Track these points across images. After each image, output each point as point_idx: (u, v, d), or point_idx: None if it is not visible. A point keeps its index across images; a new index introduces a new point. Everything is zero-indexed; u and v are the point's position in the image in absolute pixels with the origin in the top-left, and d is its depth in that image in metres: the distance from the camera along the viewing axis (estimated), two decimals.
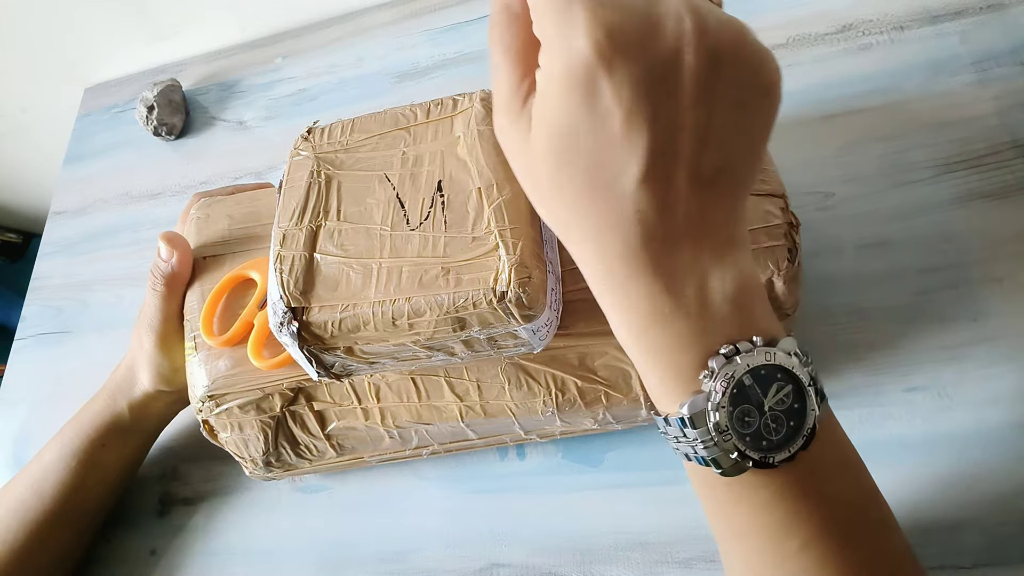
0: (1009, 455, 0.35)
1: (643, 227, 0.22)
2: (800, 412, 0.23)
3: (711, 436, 0.23)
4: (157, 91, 0.64)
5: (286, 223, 0.31)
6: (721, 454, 0.23)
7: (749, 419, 0.23)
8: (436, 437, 0.39)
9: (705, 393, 0.23)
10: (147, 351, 0.41)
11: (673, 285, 0.23)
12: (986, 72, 0.45)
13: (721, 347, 0.23)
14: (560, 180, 0.22)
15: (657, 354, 0.24)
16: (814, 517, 0.24)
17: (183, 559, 0.45)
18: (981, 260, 0.40)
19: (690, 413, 0.23)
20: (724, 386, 0.22)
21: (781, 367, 0.23)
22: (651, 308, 0.23)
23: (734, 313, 0.23)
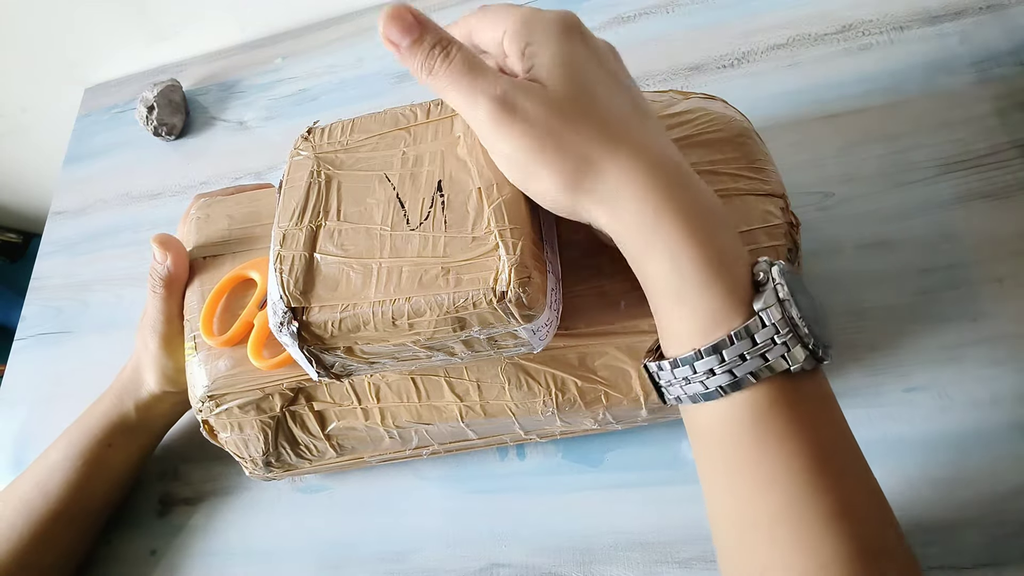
0: (1009, 455, 0.35)
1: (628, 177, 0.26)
2: (821, 318, 0.26)
3: (789, 327, 0.24)
4: (157, 91, 0.64)
5: (286, 223, 0.31)
6: (798, 346, 0.24)
7: (813, 305, 0.25)
8: (436, 437, 0.39)
9: (771, 290, 0.24)
10: (151, 353, 0.41)
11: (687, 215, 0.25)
12: (986, 72, 0.45)
13: (759, 257, 0.26)
14: (591, 99, 0.26)
15: (707, 272, 0.25)
16: (842, 441, 0.26)
17: (183, 559, 0.45)
18: (981, 260, 0.40)
19: (767, 305, 0.24)
20: (785, 280, 0.24)
21: (798, 277, 0.25)
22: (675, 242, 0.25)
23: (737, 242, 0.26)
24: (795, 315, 0.24)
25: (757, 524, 0.25)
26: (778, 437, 0.25)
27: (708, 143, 0.35)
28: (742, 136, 0.36)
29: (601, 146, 0.26)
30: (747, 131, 0.36)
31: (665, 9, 0.55)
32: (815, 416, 0.25)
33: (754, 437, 0.25)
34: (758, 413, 0.25)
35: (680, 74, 0.52)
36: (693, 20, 0.54)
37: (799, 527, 0.24)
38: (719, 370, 0.25)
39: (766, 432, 0.25)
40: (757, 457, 0.25)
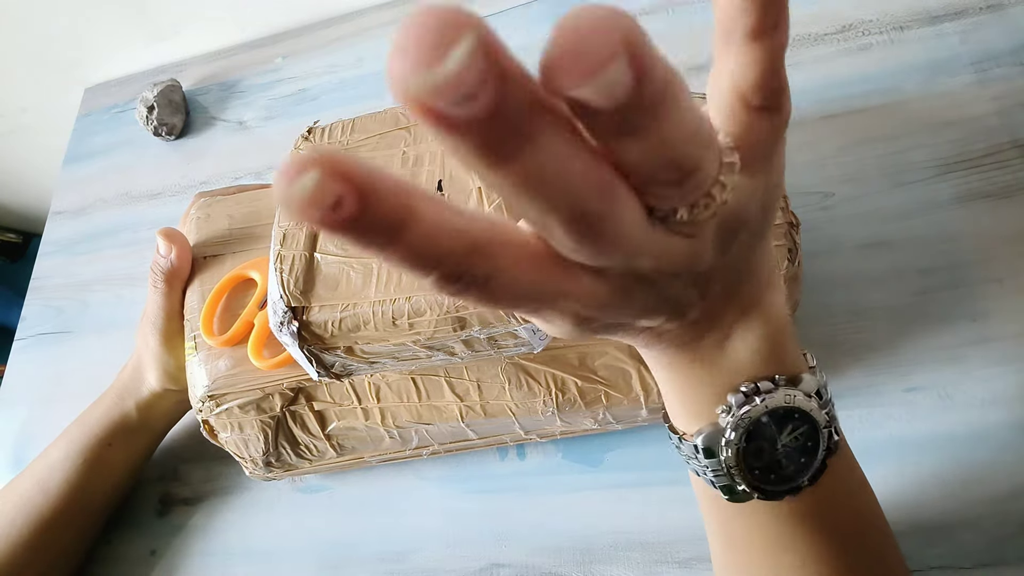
0: (1009, 455, 0.35)
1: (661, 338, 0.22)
2: (812, 450, 0.23)
3: (721, 467, 0.23)
4: (157, 91, 0.64)
5: (286, 223, 0.31)
6: (730, 483, 0.23)
7: (761, 454, 0.23)
8: (436, 437, 0.39)
9: (720, 428, 0.23)
10: (152, 350, 0.41)
11: (692, 347, 0.22)
12: (986, 72, 0.45)
13: (742, 385, 0.23)
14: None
15: (676, 387, 0.24)
16: (812, 539, 0.24)
17: (183, 559, 0.45)
18: (981, 260, 0.40)
19: (704, 444, 0.23)
20: (740, 423, 0.22)
21: (799, 408, 0.23)
22: (670, 360, 0.23)
23: (756, 355, 0.23)
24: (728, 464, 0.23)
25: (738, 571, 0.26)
26: (738, 516, 0.25)
27: None
28: None
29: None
30: None
31: (666, 9, 0.55)
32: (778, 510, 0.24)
33: (719, 508, 0.25)
34: (714, 495, 0.25)
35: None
36: (693, 20, 0.54)
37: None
38: (679, 452, 0.25)
39: (727, 509, 0.25)
40: (724, 522, 0.25)
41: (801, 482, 0.23)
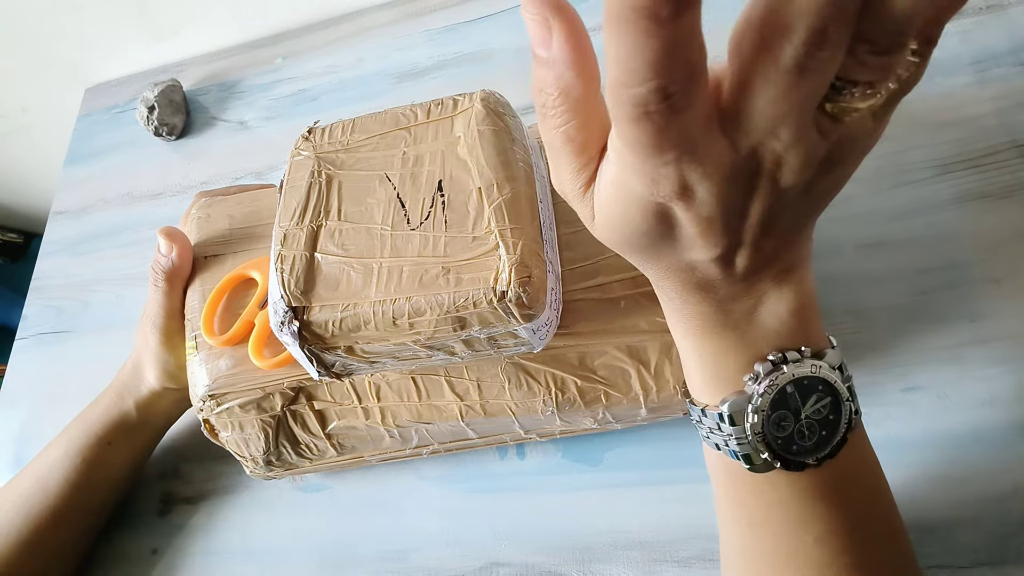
0: (1008, 455, 0.35)
1: (701, 287, 0.23)
2: (834, 424, 0.24)
3: (746, 435, 0.24)
4: (158, 91, 0.64)
5: (287, 223, 0.31)
6: (752, 452, 0.24)
7: (784, 424, 0.23)
8: (436, 436, 0.39)
9: (747, 395, 0.24)
10: (152, 348, 0.41)
11: (726, 308, 0.24)
12: (986, 72, 0.45)
13: (770, 354, 0.24)
14: (623, 249, 0.23)
15: (704, 355, 0.25)
16: (831, 516, 0.24)
17: (184, 558, 0.45)
18: (980, 260, 0.40)
19: (730, 411, 0.24)
20: (767, 391, 0.23)
21: (823, 379, 0.24)
22: (702, 322, 0.24)
23: (785, 327, 0.24)
24: (754, 430, 0.23)
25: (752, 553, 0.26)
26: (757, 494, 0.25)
27: None
28: None
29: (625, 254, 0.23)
30: None
31: None
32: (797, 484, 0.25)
33: (737, 486, 0.26)
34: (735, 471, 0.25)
35: None
36: None
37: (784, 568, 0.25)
38: (699, 426, 0.26)
39: (746, 486, 0.25)
40: (743, 501, 0.26)
41: (822, 454, 0.24)
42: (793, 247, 0.23)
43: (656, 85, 0.16)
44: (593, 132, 0.20)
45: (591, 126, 0.20)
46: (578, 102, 0.19)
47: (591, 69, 0.19)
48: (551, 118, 0.20)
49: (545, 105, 0.20)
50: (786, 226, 0.21)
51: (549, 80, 0.19)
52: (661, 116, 0.16)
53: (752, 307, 0.23)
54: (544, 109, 0.20)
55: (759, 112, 0.17)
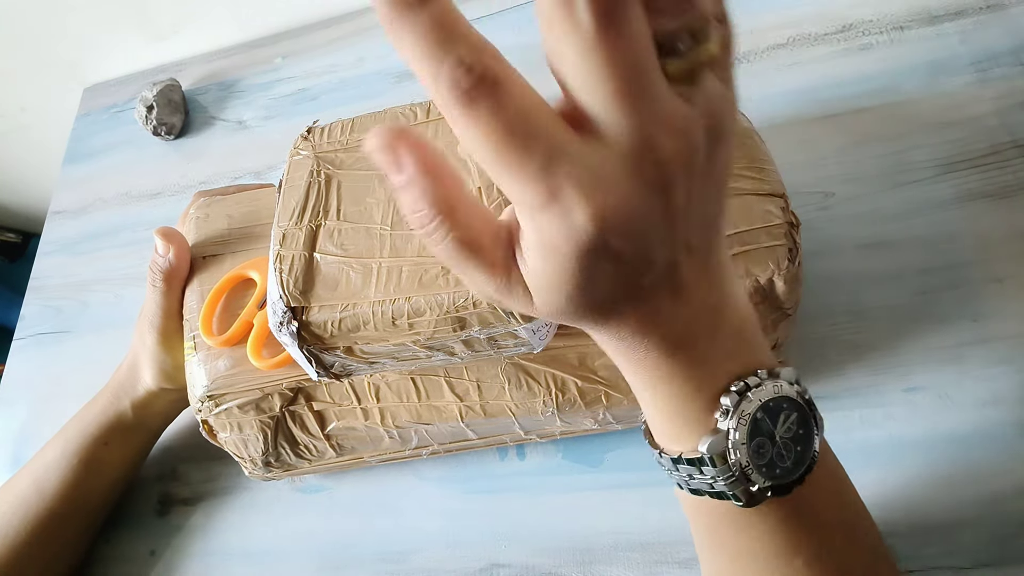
0: (1009, 455, 0.35)
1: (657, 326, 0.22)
2: (806, 438, 0.24)
3: (732, 473, 0.23)
4: (156, 91, 0.64)
5: (286, 222, 0.31)
6: (742, 488, 0.23)
7: (763, 450, 0.23)
8: (436, 437, 0.39)
9: (723, 432, 0.23)
10: (149, 348, 0.41)
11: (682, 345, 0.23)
12: (986, 72, 0.45)
13: (732, 384, 0.23)
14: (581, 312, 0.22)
15: (670, 401, 0.24)
16: (815, 538, 0.24)
17: (182, 559, 0.45)
18: (981, 260, 0.40)
19: (710, 453, 0.23)
20: (741, 422, 0.23)
21: (787, 397, 0.23)
22: (663, 369, 0.23)
23: (736, 351, 0.24)
24: (740, 463, 0.23)
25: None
26: (745, 527, 0.25)
27: None
28: (742, 136, 0.36)
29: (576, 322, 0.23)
30: (747, 131, 0.36)
31: None
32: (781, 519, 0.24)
33: (720, 526, 0.25)
34: (719, 511, 0.25)
35: None
36: None
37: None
38: (674, 474, 0.25)
39: (731, 524, 0.25)
40: (726, 540, 0.25)
41: (803, 471, 0.24)
42: (717, 247, 0.22)
43: (452, 60, 0.16)
44: (478, 225, 0.20)
45: (474, 222, 0.20)
46: (452, 207, 0.19)
47: (451, 174, 0.19)
48: (435, 234, 0.20)
49: (423, 225, 0.19)
50: (704, 217, 0.21)
51: (415, 199, 0.19)
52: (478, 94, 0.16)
53: (704, 335, 0.23)
54: (424, 229, 0.19)
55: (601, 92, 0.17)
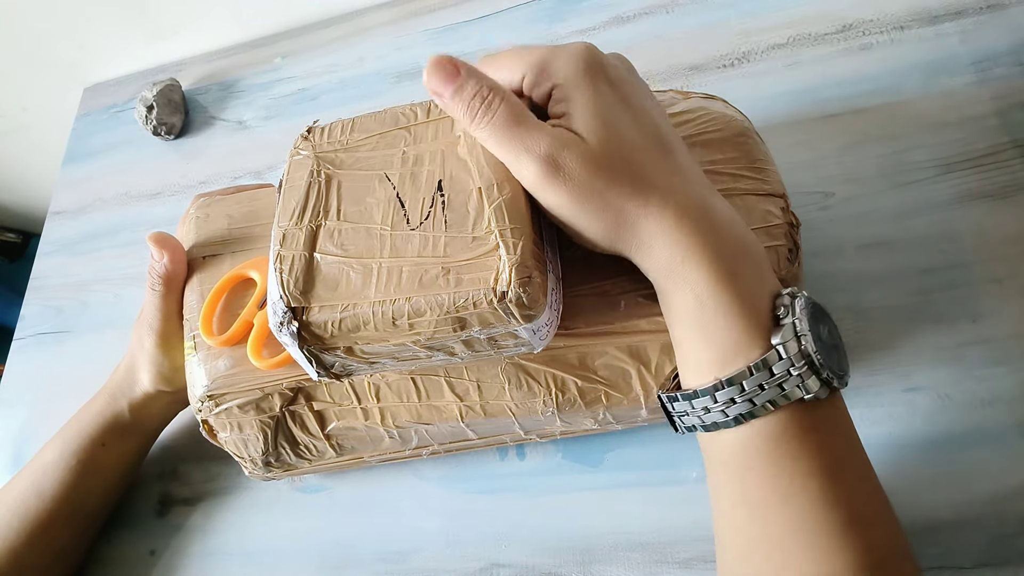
0: (1009, 455, 0.35)
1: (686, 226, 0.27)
2: (840, 348, 0.27)
3: (804, 360, 0.25)
4: (156, 91, 0.64)
5: (286, 222, 0.31)
6: (812, 377, 0.25)
7: (820, 345, 0.25)
8: (436, 437, 0.39)
9: (789, 324, 0.25)
10: (147, 351, 0.41)
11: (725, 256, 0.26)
12: (986, 72, 0.45)
13: (784, 290, 0.27)
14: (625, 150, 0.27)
15: (727, 312, 0.26)
16: (854, 456, 0.27)
17: (182, 559, 0.45)
18: (981, 260, 0.40)
19: (784, 341, 0.25)
20: (803, 315, 0.25)
21: (820, 307, 0.27)
22: (712, 280, 0.26)
23: (769, 272, 0.28)
24: (811, 349, 0.25)
25: (768, 539, 0.26)
26: (792, 457, 0.26)
27: (708, 143, 0.35)
28: (742, 136, 0.36)
29: (634, 200, 0.27)
30: (747, 131, 0.36)
31: (665, 9, 0.55)
32: (828, 437, 0.26)
33: (768, 459, 0.26)
34: (773, 437, 0.26)
35: (680, 74, 0.52)
36: (693, 20, 0.54)
37: (811, 538, 0.25)
38: (739, 399, 0.26)
39: (780, 454, 0.26)
40: (771, 476, 0.26)
41: (850, 373, 0.27)
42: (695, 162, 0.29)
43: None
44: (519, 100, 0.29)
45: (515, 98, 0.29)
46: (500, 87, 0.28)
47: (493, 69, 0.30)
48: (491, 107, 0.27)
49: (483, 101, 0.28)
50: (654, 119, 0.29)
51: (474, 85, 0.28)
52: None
53: (749, 245, 0.27)
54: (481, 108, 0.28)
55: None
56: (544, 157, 0.26)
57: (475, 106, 0.27)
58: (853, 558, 0.24)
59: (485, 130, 0.27)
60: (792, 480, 0.25)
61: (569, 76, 0.27)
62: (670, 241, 0.27)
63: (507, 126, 0.27)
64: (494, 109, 0.27)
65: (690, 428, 0.28)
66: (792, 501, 0.25)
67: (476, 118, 0.27)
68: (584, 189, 0.27)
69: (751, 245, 0.28)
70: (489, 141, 0.28)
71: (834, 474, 0.25)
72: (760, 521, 0.26)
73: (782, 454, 0.26)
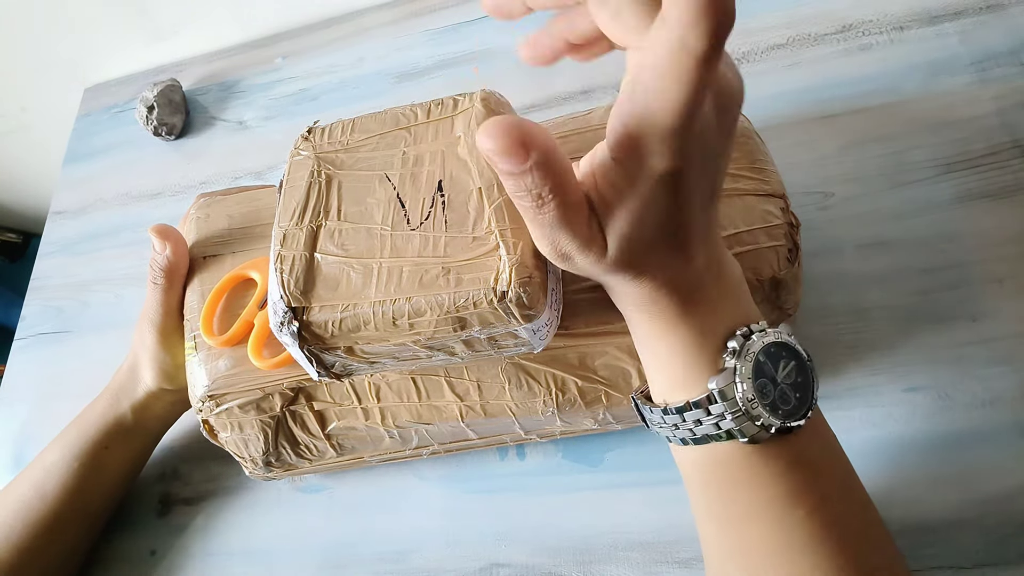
0: (1010, 455, 0.35)
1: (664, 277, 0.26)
2: (804, 386, 0.26)
3: (739, 407, 0.25)
4: (157, 91, 0.64)
5: (286, 223, 0.31)
6: (748, 423, 0.25)
7: (766, 391, 0.25)
8: (436, 437, 0.39)
9: (730, 369, 0.25)
10: (149, 347, 0.41)
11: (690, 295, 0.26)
12: (986, 72, 0.45)
13: (738, 329, 0.26)
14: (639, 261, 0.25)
15: (681, 346, 0.26)
16: (816, 486, 0.26)
17: (183, 559, 0.45)
18: (981, 260, 0.40)
19: (719, 387, 0.25)
20: (747, 361, 0.25)
21: (786, 344, 0.26)
22: (672, 317, 0.26)
23: (736, 305, 0.27)
24: (747, 397, 0.25)
25: (739, 552, 0.26)
26: (745, 483, 0.26)
27: None
28: (742, 136, 0.36)
29: (619, 284, 0.26)
30: (747, 131, 0.36)
31: None
32: (786, 465, 0.26)
33: (721, 482, 0.27)
34: (723, 463, 0.26)
35: None
36: None
37: (777, 559, 0.25)
38: (682, 426, 0.26)
39: (732, 479, 0.26)
40: (727, 498, 0.27)
41: (803, 416, 0.26)
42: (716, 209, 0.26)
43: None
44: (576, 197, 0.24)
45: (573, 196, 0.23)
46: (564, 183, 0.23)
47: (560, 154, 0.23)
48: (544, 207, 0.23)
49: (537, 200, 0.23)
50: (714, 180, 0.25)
51: (536, 179, 0.22)
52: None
53: (711, 286, 0.26)
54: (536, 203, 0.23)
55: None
56: (562, 253, 0.25)
57: (526, 202, 0.23)
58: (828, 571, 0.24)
59: (527, 217, 0.25)
60: (749, 502, 0.26)
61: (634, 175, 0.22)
62: (628, 300, 0.27)
63: (549, 226, 0.24)
64: (545, 210, 0.23)
65: (657, 431, 0.29)
66: (752, 522, 0.26)
67: (523, 205, 0.24)
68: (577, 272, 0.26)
69: (711, 286, 0.26)
70: (528, 224, 0.26)
71: (794, 500, 0.25)
72: (727, 535, 0.27)
73: (734, 479, 0.26)
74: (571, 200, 0.23)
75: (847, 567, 0.25)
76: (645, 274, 0.25)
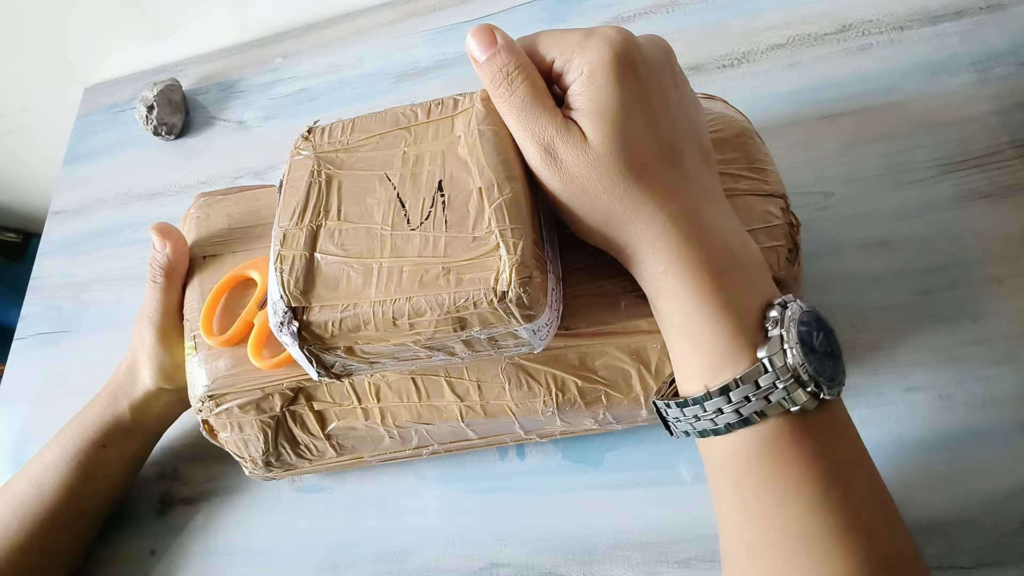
0: (1009, 455, 0.35)
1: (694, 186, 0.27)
2: (835, 356, 0.27)
3: (790, 373, 0.25)
4: (157, 91, 0.64)
5: (286, 223, 0.31)
6: (799, 390, 0.25)
7: (810, 359, 0.25)
8: (436, 437, 0.39)
9: (777, 337, 0.25)
10: (148, 346, 0.40)
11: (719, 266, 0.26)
12: (986, 72, 0.45)
13: (776, 299, 0.26)
14: (626, 156, 0.26)
15: (717, 321, 0.26)
16: (847, 469, 0.26)
17: (183, 559, 0.45)
18: (981, 260, 0.40)
19: (769, 354, 0.25)
20: (791, 326, 0.25)
21: (816, 314, 0.27)
22: (704, 289, 0.26)
23: (765, 273, 0.28)
24: (797, 362, 0.25)
25: (769, 543, 0.26)
26: (787, 463, 0.26)
27: None
28: (742, 136, 0.36)
29: (623, 206, 0.27)
30: (747, 131, 0.36)
31: (665, 9, 0.55)
32: (824, 443, 0.26)
33: (762, 464, 0.26)
34: (766, 444, 0.26)
35: None
36: (693, 20, 0.54)
37: (811, 544, 0.25)
38: (726, 409, 0.26)
39: (774, 460, 0.26)
40: (767, 482, 0.26)
41: (843, 383, 0.26)
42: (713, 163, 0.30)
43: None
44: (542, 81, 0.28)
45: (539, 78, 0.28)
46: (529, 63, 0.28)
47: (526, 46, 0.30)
48: (514, 82, 0.28)
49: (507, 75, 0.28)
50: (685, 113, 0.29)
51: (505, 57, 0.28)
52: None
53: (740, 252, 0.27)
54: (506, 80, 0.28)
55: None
56: (544, 145, 0.27)
57: (499, 79, 0.28)
58: (855, 564, 0.24)
59: (503, 105, 0.28)
60: (787, 485, 0.25)
61: (591, 68, 0.27)
62: (653, 251, 0.27)
63: (523, 106, 0.27)
64: (515, 87, 0.27)
65: (684, 433, 0.28)
66: (789, 507, 0.25)
67: (498, 91, 0.28)
68: (576, 185, 0.27)
69: (741, 254, 0.27)
70: (506, 117, 0.29)
71: (832, 480, 0.25)
72: (759, 526, 0.26)
73: (776, 460, 0.26)
74: (538, 83, 0.28)
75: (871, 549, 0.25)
76: (647, 190, 0.26)
